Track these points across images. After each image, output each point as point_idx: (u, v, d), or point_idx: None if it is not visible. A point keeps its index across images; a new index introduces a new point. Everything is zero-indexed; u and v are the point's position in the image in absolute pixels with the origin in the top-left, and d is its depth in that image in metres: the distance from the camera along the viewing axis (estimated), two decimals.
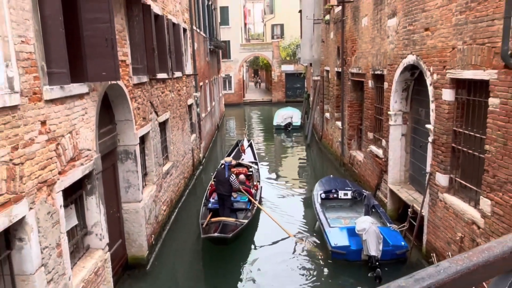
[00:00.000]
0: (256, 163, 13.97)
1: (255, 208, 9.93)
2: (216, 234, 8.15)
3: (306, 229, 9.97)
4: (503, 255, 0.68)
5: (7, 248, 3.95)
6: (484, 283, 0.71)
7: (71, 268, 5.01)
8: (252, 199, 10.14)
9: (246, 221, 9.02)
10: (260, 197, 11.32)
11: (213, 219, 9.01)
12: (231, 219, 9.02)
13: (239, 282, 7.83)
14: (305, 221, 10.62)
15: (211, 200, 10.15)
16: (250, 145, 16.12)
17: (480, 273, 0.65)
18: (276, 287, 7.52)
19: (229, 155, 13.63)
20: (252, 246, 9.37)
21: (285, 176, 15.66)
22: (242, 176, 10.95)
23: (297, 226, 10.08)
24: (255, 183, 11.85)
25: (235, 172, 11.07)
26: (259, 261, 8.52)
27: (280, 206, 11.59)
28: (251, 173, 12.69)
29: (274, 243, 9.18)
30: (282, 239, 9.20)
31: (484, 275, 0.67)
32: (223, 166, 9.95)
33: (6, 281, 3.98)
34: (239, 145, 15.81)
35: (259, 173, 13.17)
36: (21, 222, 3.92)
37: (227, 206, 9.49)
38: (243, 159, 14.09)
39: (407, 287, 0.58)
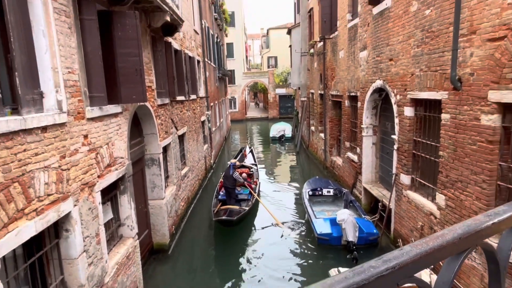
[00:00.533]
0: (256, 165, 14.11)
1: (254, 199, 10.21)
2: (224, 217, 8.60)
3: (297, 217, 10.02)
4: (453, 240, 0.67)
5: (56, 237, 3.93)
6: (440, 263, 0.70)
7: (108, 253, 4.98)
8: (252, 192, 10.42)
9: (247, 208, 9.35)
10: (259, 191, 11.74)
11: (222, 207, 9.43)
12: (236, 207, 9.33)
13: (242, 258, 7.85)
14: (296, 211, 10.64)
15: (221, 193, 10.39)
16: (251, 151, 16.38)
17: (435, 255, 0.64)
18: (272, 263, 7.51)
19: (234, 158, 13.70)
20: (253, 228, 9.51)
21: (279, 176, 15.65)
22: (244, 174, 11.42)
23: (289, 216, 10.18)
24: (254, 180, 12.13)
25: (239, 171, 11.25)
26: (258, 241, 8.71)
27: (276, 200, 11.63)
28: (252, 172, 12.85)
29: (269, 226, 9.39)
30: (276, 224, 9.35)
31: (439, 257, 0.66)
32: (229, 165, 10.18)
33: (55, 264, 3.95)
34: (243, 151, 16.07)
35: (258, 172, 13.28)
36: (67, 216, 3.91)
37: (233, 197, 9.78)
38: (245, 162, 14.31)
39: (377, 266, 0.57)
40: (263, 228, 9.41)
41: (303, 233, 8.85)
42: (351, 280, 0.54)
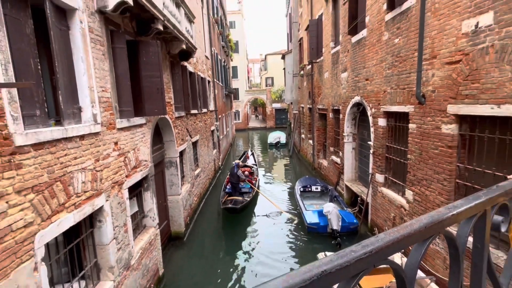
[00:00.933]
0: (256, 165, 14.45)
1: (255, 191, 10.54)
2: (230, 206, 8.90)
3: (291, 209, 10.01)
4: (420, 229, 0.67)
5: (90, 227, 3.91)
6: (410, 247, 0.70)
7: (133, 240, 4.95)
8: (253, 186, 10.75)
9: (248, 199, 9.65)
10: (258, 185, 12.07)
11: (228, 198, 9.69)
12: (239, 198, 9.60)
13: (244, 242, 7.84)
14: (290, 203, 10.61)
15: (227, 187, 10.66)
16: (252, 154, 16.83)
17: (405, 241, 0.64)
18: (270, 246, 7.51)
19: (239, 159, 14.35)
20: (253, 215, 9.65)
21: (275, 175, 15.58)
22: (246, 172, 11.84)
23: (285, 207, 10.14)
24: (255, 177, 12.49)
25: (242, 170, 11.88)
26: (258, 227, 8.77)
27: (273, 194, 11.62)
28: (252, 171, 13.15)
29: (266, 214, 9.59)
30: (268, 215, 9.49)
31: (408, 243, 0.66)
32: (234, 165, 10.50)
33: (90, 249, 3.93)
34: (245, 153, 16.59)
35: (258, 171, 13.60)
36: (100, 209, 3.90)
37: (237, 191, 10.10)
38: (247, 162, 14.78)
39: (357, 251, 0.57)
40: (262, 215, 9.57)
41: (295, 222, 8.80)
42: (335, 262, 0.54)
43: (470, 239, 0.88)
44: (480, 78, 3.86)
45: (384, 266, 0.67)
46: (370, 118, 7.32)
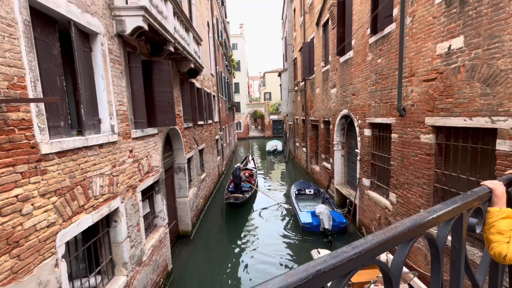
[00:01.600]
0: (255, 168, 15.19)
1: (253, 190, 11.11)
2: (232, 200, 9.43)
3: (286, 205, 10.06)
4: (404, 231, 0.67)
5: (107, 226, 3.86)
6: (395, 248, 0.69)
7: (145, 238, 4.88)
8: (252, 186, 11.28)
9: (248, 196, 10.13)
10: (257, 185, 12.66)
11: (231, 195, 10.08)
12: (240, 195, 10.05)
13: (245, 239, 7.75)
14: (285, 201, 10.56)
15: (230, 186, 11.20)
16: (253, 159, 17.49)
17: (391, 242, 0.64)
18: (268, 241, 7.50)
19: (241, 163, 15.53)
20: (252, 211, 9.94)
21: (273, 179, 15.49)
22: (247, 174, 12.72)
23: (281, 208, 10.07)
24: (254, 178, 12.94)
25: (243, 172, 12.67)
26: (256, 224, 8.86)
27: (271, 194, 11.64)
28: (252, 173, 13.63)
29: (263, 209, 10.05)
30: (266, 208, 9.84)
31: (394, 244, 0.65)
32: (236, 167, 10.93)
33: (106, 247, 3.87)
34: (247, 158, 17.36)
35: (257, 173, 14.33)
36: (116, 211, 3.85)
37: (238, 189, 10.53)
38: (248, 166, 15.60)
39: (348, 252, 0.57)
40: (261, 209, 10.06)
41: (291, 221, 8.73)
42: (329, 262, 0.53)
43: (449, 238, 0.87)
44: (453, 93, 3.89)
45: (372, 265, 0.66)
46: (357, 129, 7.34)
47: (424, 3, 4.41)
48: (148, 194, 5.40)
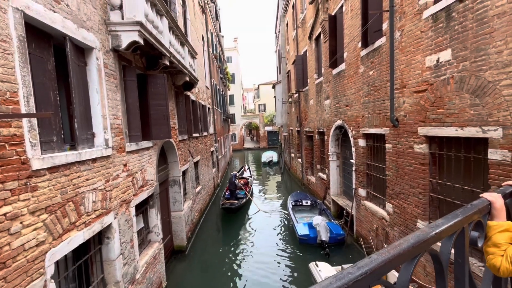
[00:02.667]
0: (251, 176, 15.97)
1: (248, 197, 11.71)
2: (227, 206, 10.06)
3: (281, 217, 10.05)
4: (408, 248, 0.65)
5: (99, 243, 3.73)
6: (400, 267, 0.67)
7: (139, 255, 4.72)
8: (247, 193, 11.88)
9: (242, 202, 10.73)
10: (252, 193, 13.18)
11: (226, 201, 10.69)
12: (235, 201, 10.70)
13: (241, 252, 7.53)
14: (283, 215, 10.36)
15: (226, 193, 11.71)
16: (249, 168, 18.19)
17: (395, 261, 0.62)
18: (264, 255, 7.41)
19: (238, 172, 16.16)
20: (247, 217, 10.31)
21: (269, 191, 15.37)
22: (242, 182, 13.28)
23: (276, 214, 10.40)
24: (249, 186, 13.54)
25: (239, 180, 12.97)
26: (251, 232, 8.94)
27: (267, 206, 11.63)
28: (248, 181, 14.19)
29: (256, 213, 10.55)
30: (259, 213, 10.16)
31: (398, 262, 0.64)
32: (232, 175, 11.57)
33: (98, 265, 3.73)
34: (243, 167, 18.19)
35: (252, 182, 15.12)
36: (109, 227, 3.74)
37: (234, 196, 11.24)
38: (244, 174, 16.24)
39: (353, 272, 0.55)
40: (254, 213, 10.60)
41: (287, 233, 8.61)
42: (334, 285, 0.51)
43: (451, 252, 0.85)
44: (444, 104, 3.98)
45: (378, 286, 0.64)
46: (351, 139, 7.40)
47: (412, 18, 4.58)
48: (142, 208, 5.28)
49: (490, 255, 0.92)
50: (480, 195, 1.00)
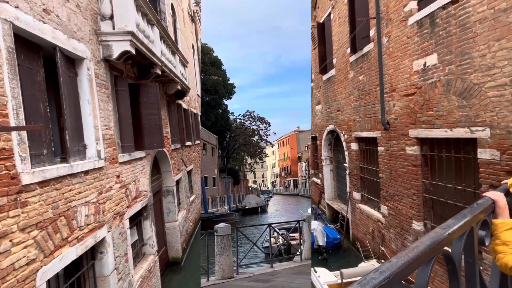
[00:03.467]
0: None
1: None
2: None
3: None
4: (424, 250, 0.65)
5: (92, 259, 3.59)
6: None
7: (133, 269, 4.57)
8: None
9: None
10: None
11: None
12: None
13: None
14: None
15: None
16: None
17: (414, 264, 0.62)
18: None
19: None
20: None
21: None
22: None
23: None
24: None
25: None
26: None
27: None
28: None
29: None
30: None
31: (416, 265, 0.64)
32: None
33: (91, 282, 3.58)
34: None
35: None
36: (102, 241, 3.61)
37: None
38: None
39: (376, 278, 0.54)
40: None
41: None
42: None
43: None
44: (433, 106, 4.09)
45: None
46: (344, 143, 7.48)
47: (398, 24, 4.73)
48: (136, 220, 5.13)
49: (499, 254, 0.93)
50: (483, 194, 1.02)
